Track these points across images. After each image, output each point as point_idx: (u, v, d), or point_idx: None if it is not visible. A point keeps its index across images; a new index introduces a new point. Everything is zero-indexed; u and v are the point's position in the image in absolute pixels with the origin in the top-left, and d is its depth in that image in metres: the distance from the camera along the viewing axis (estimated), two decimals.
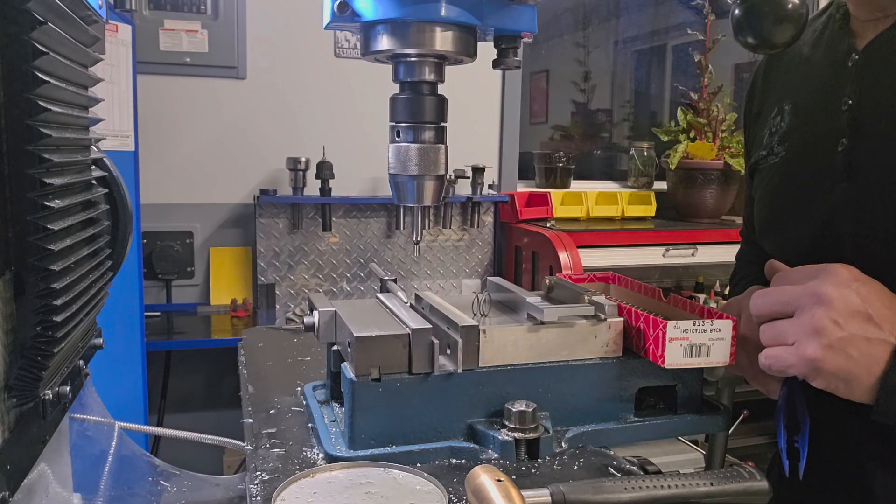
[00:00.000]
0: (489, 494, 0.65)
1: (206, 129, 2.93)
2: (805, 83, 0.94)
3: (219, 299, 2.96)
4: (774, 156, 0.95)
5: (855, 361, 0.68)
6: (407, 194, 0.87)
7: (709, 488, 0.74)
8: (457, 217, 3.19)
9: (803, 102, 0.93)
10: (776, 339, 0.72)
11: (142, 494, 1.01)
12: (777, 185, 0.95)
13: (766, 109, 1.00)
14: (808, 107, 0.92)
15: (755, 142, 1.03)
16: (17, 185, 0.60)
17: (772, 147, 0.96)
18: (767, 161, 0.97)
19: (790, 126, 0.94)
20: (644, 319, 0.90)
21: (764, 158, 0.97)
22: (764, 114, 1.01)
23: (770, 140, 0.97)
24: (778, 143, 0.95)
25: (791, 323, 0.71)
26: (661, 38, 4.20)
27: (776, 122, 0.97)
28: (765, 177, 0.98)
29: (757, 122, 1.04)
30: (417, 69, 0.83)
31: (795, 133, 0.93)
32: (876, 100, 0.82)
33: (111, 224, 0.86)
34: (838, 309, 0.68)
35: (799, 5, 0.84)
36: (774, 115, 0.97)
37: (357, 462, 0.81)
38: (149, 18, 2.78)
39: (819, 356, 0.68)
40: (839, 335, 0.68)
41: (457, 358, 0.85)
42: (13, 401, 0.64)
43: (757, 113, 1.04)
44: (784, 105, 0.96)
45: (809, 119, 0.92)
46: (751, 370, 0.87)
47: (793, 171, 0.92)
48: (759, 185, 1.00)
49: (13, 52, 0.58)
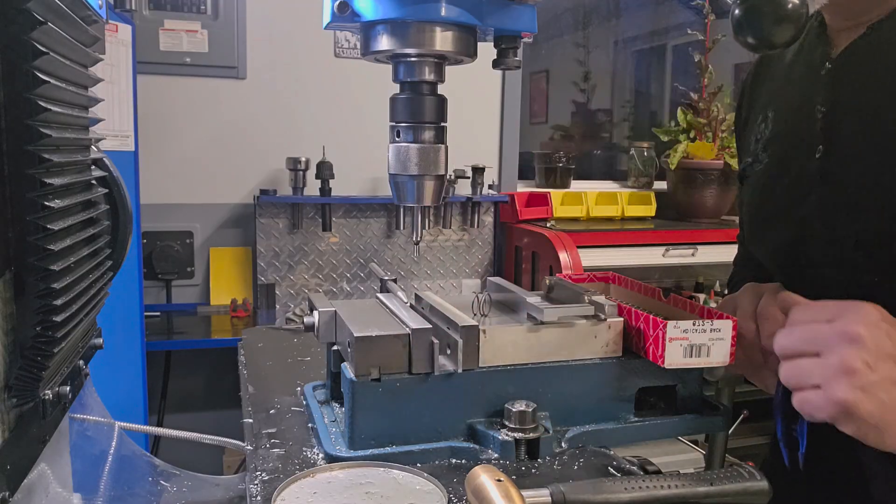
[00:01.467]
0: (489, 494, 0.65)
1: (206, 129, 2.93)
2: (786, 90, 0.95)
3: (219, 299, 2.96)
4: (759, 163, 0.96)
5: (888, 407, 0.63)
6: (407, 194, 0.87)
7: (709, 488, 0.74)
8: (457, 217, 3.19)
9: (784, 109, 0.94)
10: (799, 379, 0.68)
11: (142, 494, 1.01)
12: (760, 192, 0.96)
13: (753, 116, 1.01)
14: (788, 114, 0.93)
15: (743, 148, 1.04)
16: (17, 185, 0.60)
17: (757, 154, 0.97)
18: (753, 168, 0.98)
19: (772, 133, 0.95)
20: (644, 319, 0.90)
21: (750, 165, 0.98)
22: (751, 120, 1.02)
23: (756, 147, 0.98)
24: (762, 149, 0.96)
25: (818, 363, 0.66)
26: (661, 38, 4.21)
27: (761, 129, 0.97)
28: (750, 184, 0.99)
29: (745, 129, 1.04)
30: (417, 69, 0.83)
31: (777, 140, 0.94)
32: (846, 108, 0.83)
33: (111, 224, 0.86)
34: (870, 350, 0.64)
35: (799, 5, 0.84)
36: (760, 122, 0.98)
37: (357, 462, 0.81)
38: (149, 18, 2.78)
39: (851, 399, 0.63)
40: (871, 378, 0.63)
41: (457, 358, 0.85)
42: (13, 401, 0.64)
43: (745, 119, 1.05)
44: (768, 112, 0.97)
45: (789, 126, 0.92)
46: (748, 367, 0.87)
47: (774, 178, 0.93)
48: (745, 192, 1.01)
49: (13, 52, 0.58)
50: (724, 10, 3.29)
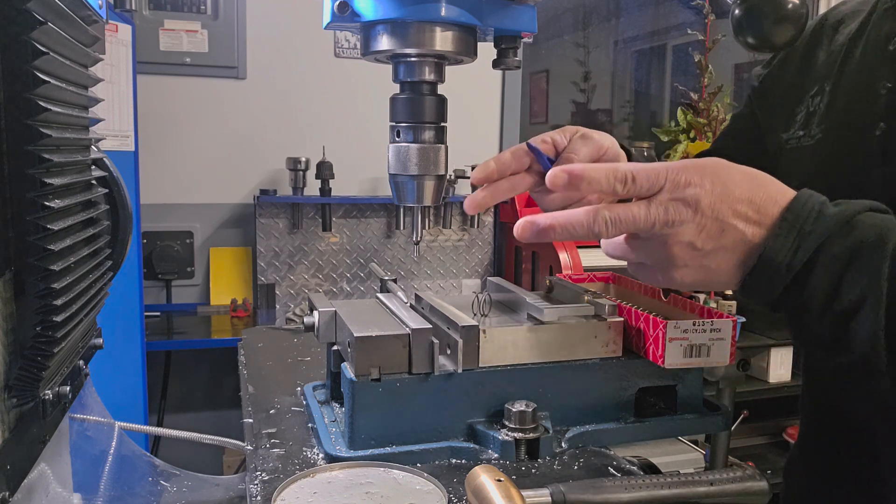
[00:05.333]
0: (489, 494, 0.65)
1: (206, 129, 2.93)
2: (847, 66, 0.92)
3: (219, 299, 2.96)
4: (810, 137, 0.93)
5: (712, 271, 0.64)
6: (407, 194, 0.87)
7: (709, 488, 0.74)
8: (457, 217, 3.19)
9: (844, 85, 0.91)
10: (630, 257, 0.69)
11: (142, 494, 1.01)
12: (813, 169, 0.93)
13: (808, 84, 0.97)
14: (848, 89, 0.90)
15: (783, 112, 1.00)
16: (17, 185, 0.60)
17: (809, 128, 0.93)
18: (801, 142, 0.94)
19: (829, 107, 0.92)
20: (644, 319, 0.90)
21: (798, 139, 0.95)
22: (805, 88, 0.98)
23: (808, 120, 0.94)
24: (817, 124, 0.93)
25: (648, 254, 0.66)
26: (661, 38, 4.21)
27: (815, 102, 0.94)
28: (797, 158, 0.95)
29: (789, 94, 1.00)
30: (417, 69, 0.83)
31: (833, 115, 0.91)
32: None
33: (111, 224, 0.86)
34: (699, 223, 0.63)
35: (799, 5, 0.84)
36: (815, 94, 0.95)
37: (357, 462, 0.81)
38: (149, 18, 2.78)
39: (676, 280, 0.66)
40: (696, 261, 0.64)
41: (457, 358, 0.85)
42: (13, 401, 0.64)
43: (789, 84, 1.01)
44: (825, 85, 0.93)
45: (848, 102, 0.89)
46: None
47: (829, 154, 0.90)
48: (789, 166, 0.97)
49: (13, 52, 0.58)
50: (724, 10, 3.27)
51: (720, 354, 0.86)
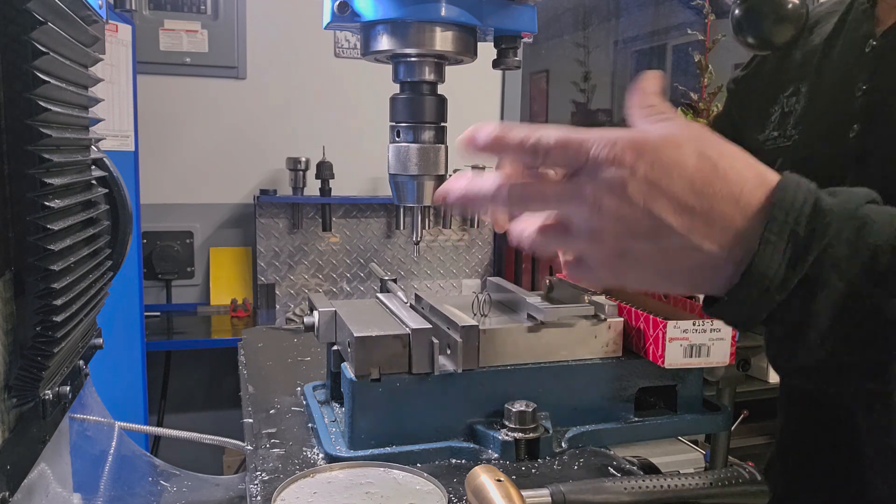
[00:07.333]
0: (489, 494, 0.65)
1: (206, 129, 2.93)
2: (823, 66, 0.92)
3: (219, 299, 2.96)
4: (786, 139, 0.92)
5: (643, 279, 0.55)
6: (407, 194, 0.87)
7: (709, 488, 0.74)
8: (457, 217, 3.19)
9: (820, 86, 0.91)
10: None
11: (142, 494, 1.01)
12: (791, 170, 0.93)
13: (783, 84, 0.97)
14: (825, 90, 0.90)
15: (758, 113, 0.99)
16: (17, 185, 0.60)
17: (785, 128, 0.93)
18: (777, 143, 0.94)
19: (805, 109, 0.92)
20: (644, 319, 0.90)
21: (773, 140, 0.95)
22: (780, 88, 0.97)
23: (783, 120, 0.94)
24: (793, 125, 0.92)
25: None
26: (661, 38, 4.21)
27: (791, 103, 0.94)
28: (774, 160, 0.95)
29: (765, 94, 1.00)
30: (417, 69, 0.83)
31: (809, 117, 0.91)
32: (890, 86, 0.81)
33: (111, 224, 0.86)
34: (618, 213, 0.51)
35: (799, 5, 0.84)
36: (790, 95, 0.95)
37: (357, 462, 0.81)
38: (149, 18, 2.78)
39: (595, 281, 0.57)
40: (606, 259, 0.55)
41: (457, 358, 0.85)
42: (13, 401, 0.64)
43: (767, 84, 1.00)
44: (801, 86, 0.93)
45: (824, 103, 0.89)
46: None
47: (806, 156, 0.90)
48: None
49: (13, 52, 0.58)
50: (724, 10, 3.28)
51: (720, 354, 0.86)
